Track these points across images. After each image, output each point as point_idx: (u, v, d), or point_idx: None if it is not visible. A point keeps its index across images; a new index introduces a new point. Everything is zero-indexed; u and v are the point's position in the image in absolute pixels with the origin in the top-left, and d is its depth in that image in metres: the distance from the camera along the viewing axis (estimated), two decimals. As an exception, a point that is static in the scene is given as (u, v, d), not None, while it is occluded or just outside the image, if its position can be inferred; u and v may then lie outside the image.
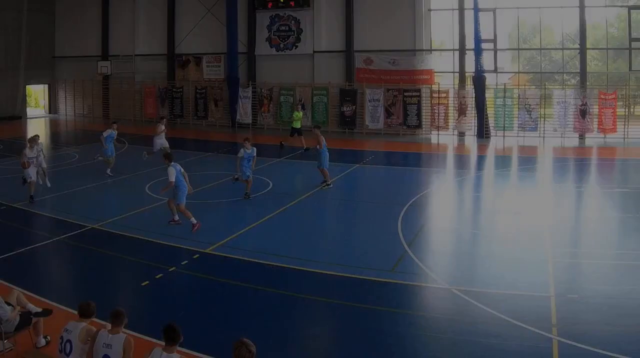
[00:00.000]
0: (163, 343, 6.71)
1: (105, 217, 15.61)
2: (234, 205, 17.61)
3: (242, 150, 17.44)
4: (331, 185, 19.21)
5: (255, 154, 17.70)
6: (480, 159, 27.79)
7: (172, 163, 14.47)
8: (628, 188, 19.21)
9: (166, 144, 22.67)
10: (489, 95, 31.59)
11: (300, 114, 27.77)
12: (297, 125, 26.81)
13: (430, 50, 33.12)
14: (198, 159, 24.86)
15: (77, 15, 40.30)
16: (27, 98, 42.87)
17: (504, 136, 31.29)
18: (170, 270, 11.83)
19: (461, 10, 31.97)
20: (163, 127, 23.13)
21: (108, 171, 21.01)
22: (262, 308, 10.25)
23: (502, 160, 27.29)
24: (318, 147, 19.31)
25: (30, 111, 42.99)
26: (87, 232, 14.57)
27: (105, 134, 21.19)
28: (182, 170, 14.71)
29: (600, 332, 9.18)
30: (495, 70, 32.58)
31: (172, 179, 14.21)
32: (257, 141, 31.77)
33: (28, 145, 17.39)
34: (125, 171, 21.88)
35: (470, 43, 31.62)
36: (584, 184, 20.96)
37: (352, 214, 17.01)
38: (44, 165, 18.79)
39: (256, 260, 12.48)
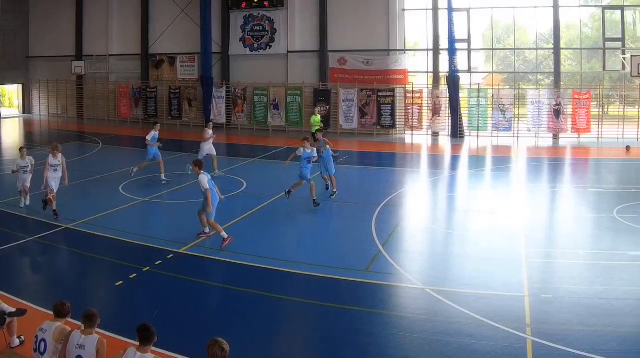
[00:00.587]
0: (137, 343, 6.63)
1: (79, 217, 15.42)
2: None
3: (300, 149, 16.97)
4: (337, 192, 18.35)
5: (315, 154, 17.17)
6: (454, 159, 27.71)
7: (203, 172, 13.58)
8: (602, 189, 19.17)
9: (214, 152, 21.54)
10: (463, 95, 31.66)
11: (319, 117, 26.97)
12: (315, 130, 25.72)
13: (404, 50, 32.97)
14: (172, 159, 24.47)
15: (51, 15, 39.83)
16: (1, 98, 42.52)
17: (478, 136, 31.32)
18: (144, 270, 11.77)
19: (435, 10, 31.88)
20: (211, 132, 21.76)
21: (162, 177, 19.92)
22: (236, 308, 10.22)
23: (476, 160, 27.18)
24: (323, 150, 18.51)
25: (4, 111, 42.47)
26: (61, 232, 14.40)
27: (149, 137, 20.05)
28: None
29: (574, 332, 9.20)
30: (469, 70, 32.57)
31: (207, 186, 13.18)
32: (230, 141, 31.96)
33: (19, 154, 16.70)
34: (99, 171, 21.58)
35: (444, 43, 31.61)
36: (558, 184, 20.86)
37: (326, 214, 16.84)
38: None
39: (230, 260, 12.43)
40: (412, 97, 32.02)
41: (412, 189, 20.25)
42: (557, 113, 30.69)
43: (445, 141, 31.16)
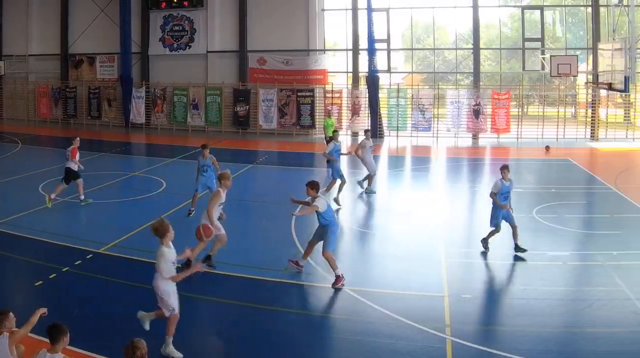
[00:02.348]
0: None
1: (-3, 218, 15.07)
2: (126, 205, 17.27)
3: (332, 143, 16.61)
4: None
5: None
6: (374, 159, 27.48)
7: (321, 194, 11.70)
8: (521, 189, 18.88)
9: (374, 166, 19.33)
10: (382, 95, 31.32)
11: (332, 120, 25.78)
12: (330, 133, 23.69)
13: (324, 50, 32.63)
14: (92, 159, 23.87)
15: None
16: None
17: (397, 136, 31.04)
18: (63, 270, 11.57)
19: (354, 10, 31.61)
20: (370, 142, 19.22)
21: (365, 184, 18.67)
22: (155, 308, 9.71)
23: (396, 160, 26.95)
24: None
25: None
26: (-23, 233, 14.10)
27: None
28: None
29: (494, 332, 9.29)
30: (389, 70, 32.28)
31: (323, 208, 11.19)
32: (150, 141, 31.41)
33: None
34: (18, 171, 21.01)
35: (363, 43, 31.29)
36: (477, 184, 20.57)
37: (245, 214, 16.59)
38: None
39: (149, 260, 11.66)
40: (332, 97, 31.68)
41: (331, 189, 19.94)
42: (476, 113, 30.60)
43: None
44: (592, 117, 31.17)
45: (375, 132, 30.83)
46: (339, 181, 17.36)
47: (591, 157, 27.08)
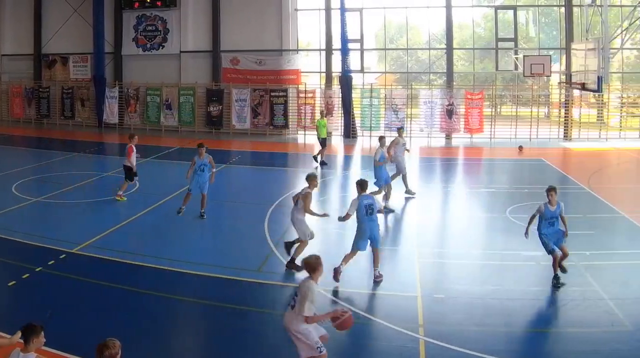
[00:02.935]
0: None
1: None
2: (100, 205, 17.12)
3: (379, 149, 16.15)
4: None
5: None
6: (347, 159, 27.28)
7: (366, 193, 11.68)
8: (494, 189, 19.00)
9: (403, 166, 18.32)
10: (355, 95, 31.21)
11: (325, 121, 24.78)
12: (324, 134, 23.97)
13: (297, 50, 32.49)
14: (65, 159, 24.00)
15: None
16: None
17: (370, 136, 30.79)
18: (37, 270, 11.50)
19: (328, 10, 31.48)
20: (403, 140, 18.74)
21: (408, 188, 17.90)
22: (128, 308, 10.04)
23: (369, 160, 26.78)
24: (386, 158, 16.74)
25: None
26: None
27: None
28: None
29: (467, 332, 9.19)
30: (362, 70, 32.17)
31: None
32: (123, 141, 31.23)
33: None
34: None
35: (337, 43, 31.12)
36: (451, 184, 20.56)
37: (219, 214, 16.51)
38: None
39: (123, 260, 12.22)
40: (305, 97, 31.51)
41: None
42: (449, 113, 30.55)
43: (337, 141, 30.51)
44: (565, 117, 31.17)
45: (348, 132, 30.88)
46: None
47: (564, 157, 27.04)
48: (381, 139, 17.05)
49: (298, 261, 11.35)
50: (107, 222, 14.85)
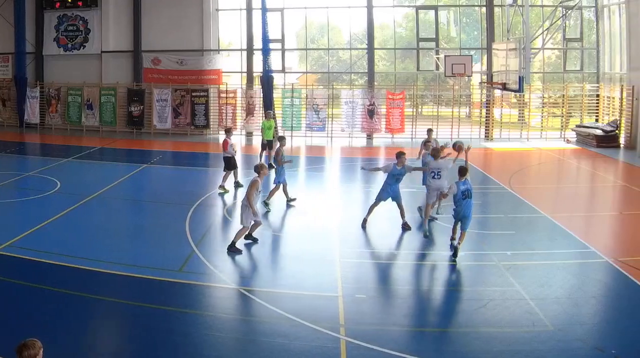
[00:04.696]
0: None
1: None
2: (21, 205, 16.87)
3: (426, 155, 15.43)
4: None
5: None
6: (268, 158, 27.55)
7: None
8: (415, 189, 18.52)
9: None
10: (276, 95, 30.93)
11: (271, 122, 24.03)
12: (269, 136, 23.41)
13: (218, 51, 32.25)
14: None
15: None
16: None
17: (291, 136, 30.54)
18: None
19: (249, 10, 31.31)
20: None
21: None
22: (49, 308, 9.85)
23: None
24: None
25: None
26: None
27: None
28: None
29: (389, 332, 9.23)
30: (283, 70, 32.04)
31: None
32: (44, 141, 30.84)
33: None
34: None
35: (258, 43, 30.98)
36: (372, 184, 20.00)
37: (140, 214, 16.54)
38: None
39: (44, 260, 12.03)
40: (226, 97, 31.34)
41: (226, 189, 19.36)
42: (370, 113, 30.57)
43: (259, 141, 30.78)
44: (486, 117, 31.28)
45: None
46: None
47: (485, 157, 26.89)
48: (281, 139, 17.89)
49: (238, 245, 12.81)
50: (27, 222, 14.64)
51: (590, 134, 28.87)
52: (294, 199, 17.10)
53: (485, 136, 30.91)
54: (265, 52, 30.50)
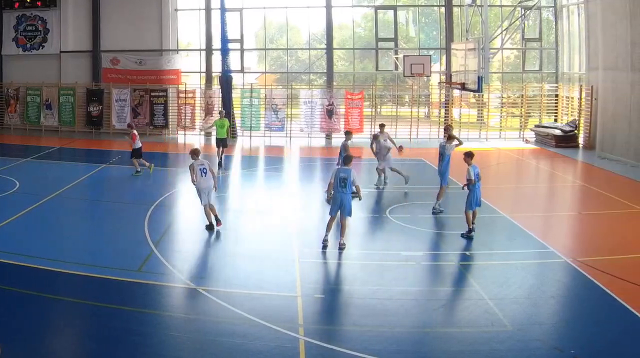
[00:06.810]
0: None
1: None
2: None
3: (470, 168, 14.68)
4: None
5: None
6: (227, 159, 26.94)
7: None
8: (374, 188, 18.88)
9: None
10: (235, 95, 30.69)
11: (224, 121, 23.72)
12: (223, 134, 23.25)
13: (177, 51, 32.00)
14: None
15: None
16: None
17: (250, 136, 30.53)
18: None
19: (208, 10, 31.08)
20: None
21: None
22: (6, 308, 9.77)
23: (249, 160, 26.63)
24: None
25: None
26: None
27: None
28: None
29: (347, 332, 9.31)
30: (242, 70, 31.85)
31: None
32: (3, 141, 30.72)
33: None
34: None
35: (217, 43, 30.75)
36: None
37: (98, 214, 16.38)
38: None
39: (3, 261, 11.93)
40: (185, 97, 31.03)
41: (185, 190, 19.27)
42: (329, 113, 30.48)
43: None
44: (445, 117, 31.32)
45: (228, 131, 30.90)
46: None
47: (444, 156, 27.21)
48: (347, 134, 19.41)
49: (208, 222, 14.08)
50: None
51: (549, 134, 28.87)
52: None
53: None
54: (224, 52, 30.28)
